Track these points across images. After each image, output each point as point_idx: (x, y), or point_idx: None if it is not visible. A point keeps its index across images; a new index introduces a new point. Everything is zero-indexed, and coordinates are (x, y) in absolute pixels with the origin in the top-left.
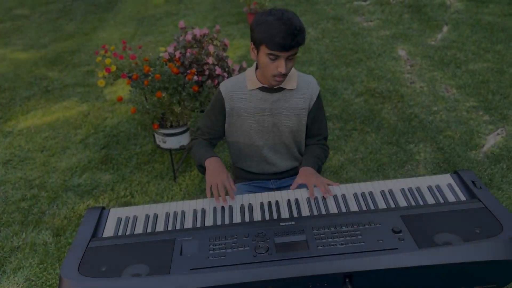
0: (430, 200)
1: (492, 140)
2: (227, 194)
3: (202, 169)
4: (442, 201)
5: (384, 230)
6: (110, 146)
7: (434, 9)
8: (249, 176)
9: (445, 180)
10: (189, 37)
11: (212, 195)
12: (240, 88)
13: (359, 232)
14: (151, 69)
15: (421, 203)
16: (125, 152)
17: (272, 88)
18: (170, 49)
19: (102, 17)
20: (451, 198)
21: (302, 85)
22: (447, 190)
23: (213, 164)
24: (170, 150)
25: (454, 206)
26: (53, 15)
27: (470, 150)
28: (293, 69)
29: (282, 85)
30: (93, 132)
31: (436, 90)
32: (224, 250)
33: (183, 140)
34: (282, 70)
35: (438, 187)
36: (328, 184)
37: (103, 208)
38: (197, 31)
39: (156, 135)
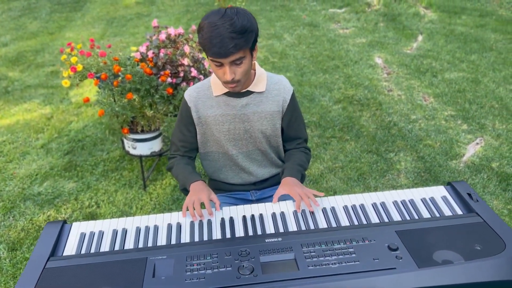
0: (425, 214)
1: (471, 150)
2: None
3: (187, 192)
4: (437, 215)
5: (380, 247)
6: (75, 152)
7: (408, 19)
8: (226, 188)
9: (439, 192)
10: (163, 36)
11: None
12: (206, 95)
13: (352, 249)
14: (122, 69)
15: (416, 217)
16: (91, 159)
17: (239, 92)
18: (142, 48)
19: (69, 17)
20: (447, 212)
21: (272, 86)
22: (442, 203)
23: (196, 186)
24: (140, 157)
25: (451, 220)
26: (15, 13)
27: (450, 160)
28: (261, 70)
29: (250, 88)
30: (56, 136)
31: (414, 98)
32: (203, 271)
33: (155, 146)
34: (227, 77)
35: (432, 199)
36: (315, 196)
37: (65, 222)
38: (172, 31)
39: (125, 141)
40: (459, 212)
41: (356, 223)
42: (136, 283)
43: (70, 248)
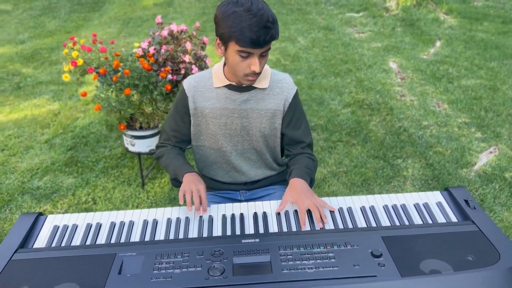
0: (417, 220)
1: (484, 159)
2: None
3: (177, 183)
4: (430, 221)
5: (362, 253)
6: (78, 147)
7: (427, 24)
8: (215, 185)
9: (434, 198)
10: (165, 32)
11: (185, 202)
12: (205, 86)
13: (332, 254)
14: (121, 64)
15: (407, 223)
16: (93, 155)
17: (241, 87)
18: (144, 44)
19: (87, 16)
20: (440, 218)
21: (276, 84)
22: (436, 209)
23: (191, 177)
24: (138, 154)
25: (444, 228)
26: (36, 11)
27: (461, 168)
28: (266, 66)
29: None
30: (61, 132)
31: (427, 104)
32: (171, 271)
33: (153, 143)
34: (256, 69)
35: (426, 205)
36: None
37: (40, 214)
38: (174, 27)
39: (124, 137)
40: (454, 219)
41: (341, 226)
42: (100, 279)
43: (41, 240)
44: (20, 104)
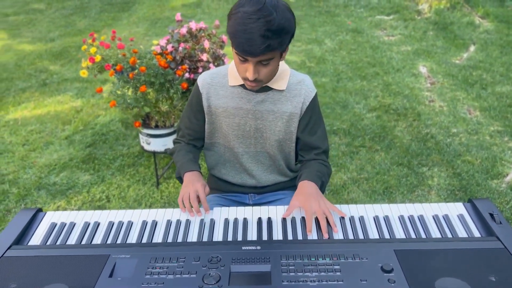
0: (435, 233)
1: None
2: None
3: (181, 180)
4: (450, 235)
5: (371, 267)
6: (96, 145)
7: (461, 28)
8: (224, 187)
9: (456, 209)
10: (184, 30)
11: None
12: (220, 83)
13: (338, 267)
14: (138, 61)
15: (423, 236)
16: (111, 153)
17: None
18: (163, 42)
19: (117, 16)
20: (461, 232)
21: (294, 86)
22: (458, 222)
23: (190, 177)
24: (153, 153)
25: (464, 243)
26: (68, 11)
27: (491, 179)
28: (285, 66)
29: (269, 84)
30: (82, 129)
31: (457, 110)
32: (164, 276)
33: (169, 142)
34: (250, 76)
35: (446, 217)
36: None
37: (40, 210)
38: (193, 25)
39: (140, 136)
40: (477, 234)
41: (351, 237)
42: (90, 282)
43: (37, 237)
44: (45, 100)
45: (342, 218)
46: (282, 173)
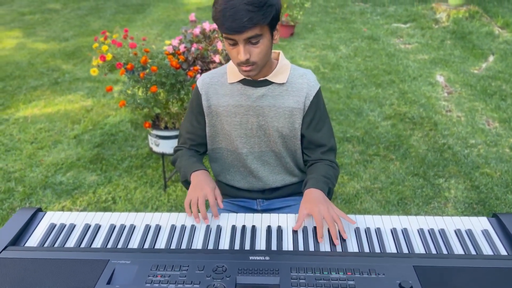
0: (457, 249)
1: None
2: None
3: (188, 184)
4: (473, 252)
5: (389, 284)
6: (105, 145)
7: (480, 37)
8: (231, 192)
9: (479, 224)
10: (197, 31)
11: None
12: (219, 82)
13: (353, 282)
14: (149, 60)
15: (445, 252)
16: (119, 153)
17: (256, 81)
18: (175, 42)
19: (131, 18)
20: (486, 249)
21: (295, 80)
22: (482, 238)
23: (198, 177)
24: (162, 155)
25: (489, 261)
26: (83, 11)
27: (511, 193)
28: (286, 61)
29: (269, 78)
30: (91, 128)
31: (475, 121)
32: (165, 285)
33: None
34: (241, 57)
35: (469, 232)
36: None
37: (39, 209)
38: (207, 25)
39: (149, 137)
40: (503, 252)
41: (366, 250)
42: None
43: (35, 238)
44: (55, 99)
45: (357, 229)
46: (291, 172)
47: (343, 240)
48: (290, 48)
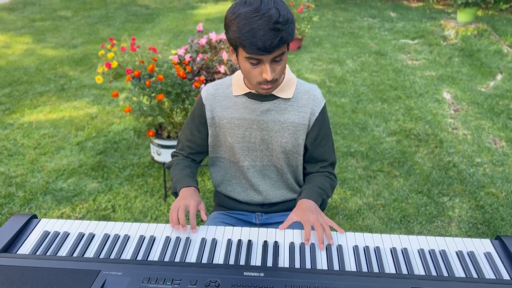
0: (459, 272)
1: None
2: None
3: (177, 196)
4: (475, 275)
5: None
6: (107, 152)
7: (488, 56)
8: (230, 204)
9: (482, 246)
10: (203, 41)
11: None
12: (224, 93)
13: None
14: (156, 69)
15: (445, 274)
16: (121, 161)
17: (262, 95)
18: (181, 51)
19: (140, 27)
20: (488, 273)
21: (301, 95)
22: (484, 261)
23: (186, 192)
24: (163, 164)
25: (491, 286)
26: (93, 19)
27: None
28: (292, 74)
29: (274, 93)
30: (94, 136)
31: (481, 140)
32: None
33: None
34: (268, 76)
35: (471, 254)
36: (330, 228)
37: (34, 216)
38: (213, 36)
39: (151, 146)
40: (505, 276)
41: (364, 269)
42: None
43: (27, 246)
44: (61, 105)
45: (356, 248)
46: (291, 188)
47: (340, 256)
48: (297, 61)
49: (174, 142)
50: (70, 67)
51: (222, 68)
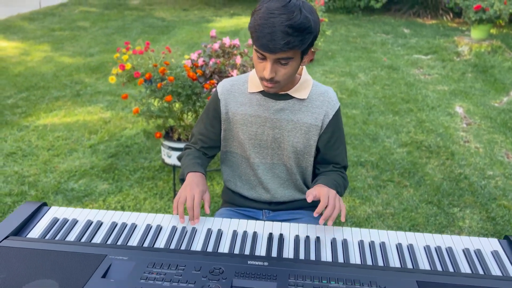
0: (465, 268)
1: None
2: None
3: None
4: (481, 272)
5: None
6: (119, 155)
7: (502, 72)
8: (238, 201)
9: (489, 245)
10: (216, 46)
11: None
12: (240, 90)
13: None
14: (167, 71)
15: (451, 270)
16: (132, 164)
17: (277, 94)
18: (194, 56)
19: (155, 38)
20: (495, 270)
21: (317, 97)
22: (491, 259)
23: (192, 177)
24: (173, 167)
25: (498, 282)
26: (110, 30)
27: None
28: (308, 76)
29: (290, 93)
30: (107, 139)
31: (494, 153)
32: (160, 282)
33: None
34: (266, 74)
35: (478, 252)
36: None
37: (45, 204)
38: (227, 41)
39: (162, 148)
40: None
41: (369, 263)
42: (81, 280)
43: (37, 230)
44: (75, 110)
45: (361, 242)
46: (299, 189)
47: (344, 249)
48: (309, 73)
49: (184, 144)
50: (86, 74)
51: (234, 73)
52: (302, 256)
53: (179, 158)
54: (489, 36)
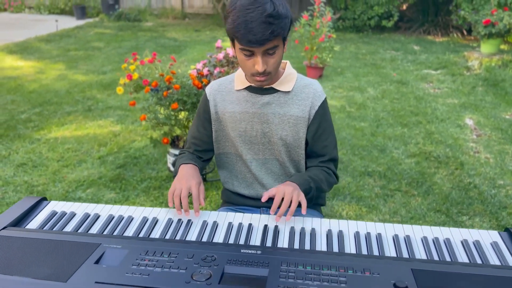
0: (462, 257)
1: None
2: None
3: None
4: (479, 261)
5: (382, 283)
6: (127, 166)
7: None
8: (236, 200)
9: (489, 237)
10: (220, 56)
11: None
12: (227, 89)
13: (344, 279)
14: (173, 80)
15: (448, 259)
16: (139, 175)
17: (262, 89)
18: (199, 65)
19: (167, 57)
20: (493, 260)
21: (302, 89)
22: (490, 249)
23: (185, 169)
24: None
25: (496, 270)
26: (123, 50)
27: None
28: (292, 70)
29: (274, 86)
30: (116, 151)
31: (505, 163)
32: (151, 268)
33: None
34: (259, 68)
35: (477, 243)
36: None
37: (44, 198)
38: (231, 51)
39: (168, 156)
40: (511, 263)
41: (365, 252)
42: (73, 266)
43: (35, 222)
44: (86, 124)
45: (357, 234)
46: None
47: (340, 240)
48: None
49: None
50: (98, 91)
51: None
52: (296, 246)
53: (173, 163)
54: (499, 51)
